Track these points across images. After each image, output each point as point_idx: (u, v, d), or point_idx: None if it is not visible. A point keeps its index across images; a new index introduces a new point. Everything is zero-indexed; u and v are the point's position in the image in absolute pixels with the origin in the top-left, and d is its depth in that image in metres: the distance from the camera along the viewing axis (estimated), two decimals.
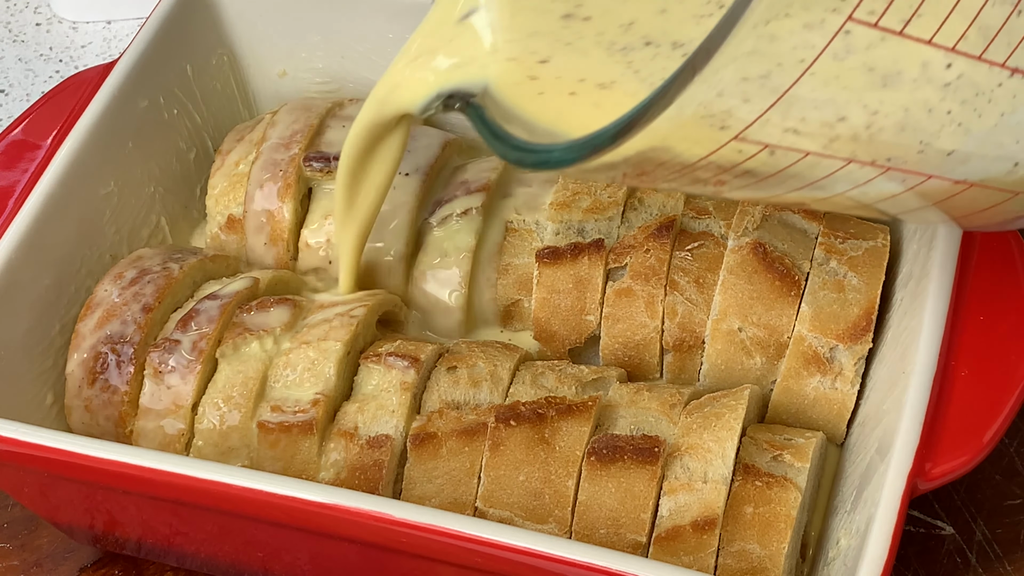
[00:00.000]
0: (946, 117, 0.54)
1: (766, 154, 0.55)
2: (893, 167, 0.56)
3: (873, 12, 0.51)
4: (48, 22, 1.18)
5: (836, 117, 0.53)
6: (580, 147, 0.56)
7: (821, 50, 0.51)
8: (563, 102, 0.65)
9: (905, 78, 0.53)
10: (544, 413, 0.76)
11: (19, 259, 0.82)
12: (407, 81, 0.69)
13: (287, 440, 0.78)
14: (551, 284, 0.85)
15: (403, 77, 0.70)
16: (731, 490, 0.74)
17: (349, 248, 0.77)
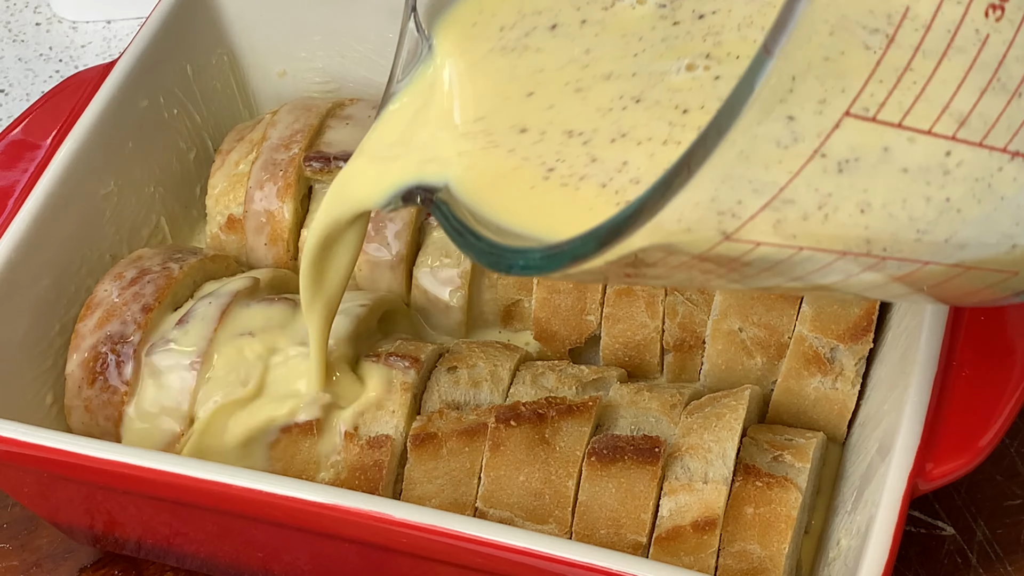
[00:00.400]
0: (944, 204, 0.53)
1: (758, 251, 0.52)
2: (889, 256, 0.54)
3: (868, 108, 0.49)
4: (48, 22, 1.18)
5: (830, 211, 0.52)
6: (561, 255, 0.53)
7: (815, 150, 0.49)
8: (529, 199, 0.62)
9: (904, 168, 0.51)
10: (544, 413, 0.76)
11: (19, 259, 0.81)
12: (365, 179, 0.68)
13: (287, 440, 0.78)
14: (551, 284, 0.85)
15: (361, 175, 0.68)
16: (732, 490, 0.74)
17: (317, 335, 0.76)
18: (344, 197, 0.69)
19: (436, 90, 0.67)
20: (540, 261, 0.55)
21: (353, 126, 0.92)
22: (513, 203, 0.62)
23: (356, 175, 0.68)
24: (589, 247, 0.52)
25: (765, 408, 0.83)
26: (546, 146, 0.62)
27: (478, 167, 0.63)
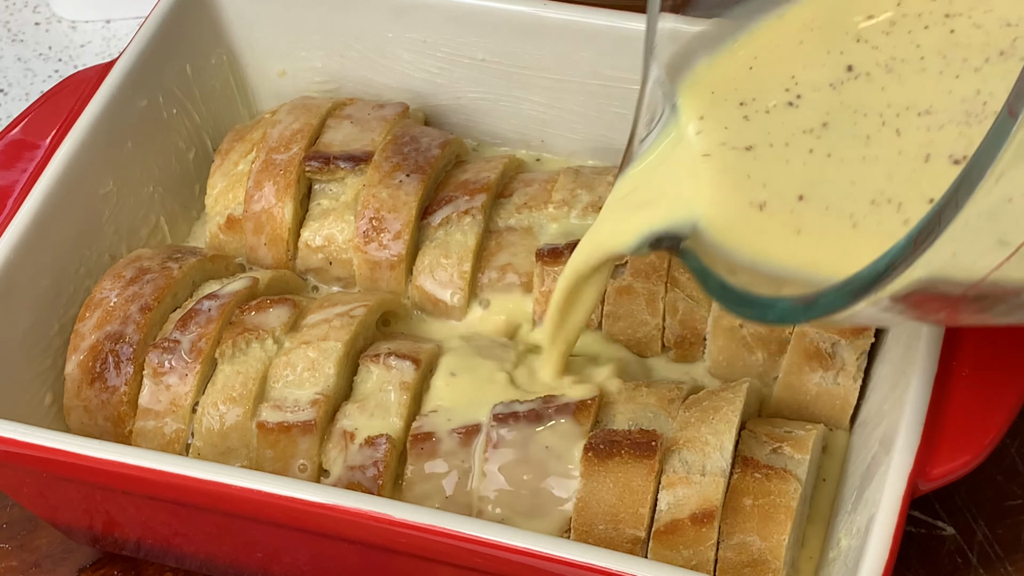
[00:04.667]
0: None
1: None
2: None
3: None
4: (47, 21, 1.18)
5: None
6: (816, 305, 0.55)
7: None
8: (790, 242, 0.64)
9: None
10: (543, 412, 0.76)
11: (19, 259, 0.81)
12: (616, 228, 0.73)
13: (287, 440, 0.78)
14: (552, 283, 0.85)
15: (611, 224, 0.73)
16: (730, 483, 0.74)
17: (553, 364, 0.81)
18: (597, 243, 0.74)
19: (682, 147, 0.70)
20: (794, 311, 0.57)
21: (353, 126, 0.92)
22: (764, 246, 0.64)
23: (607, 223, 0.73)
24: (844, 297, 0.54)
25: (766, 405, 0.83)
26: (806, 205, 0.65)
27: (727, 214, 0.67)
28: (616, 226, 0.72)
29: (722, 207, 0.67)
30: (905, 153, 0.64)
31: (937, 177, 0.62)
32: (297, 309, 0.83)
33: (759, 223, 0.66)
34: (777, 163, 0.68)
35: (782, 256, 0.64)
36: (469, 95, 0.96)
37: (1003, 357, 0.73)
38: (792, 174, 0.67)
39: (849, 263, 0.55)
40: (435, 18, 0.93)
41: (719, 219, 0.67)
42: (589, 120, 0.94)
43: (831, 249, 0.63)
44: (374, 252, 0.88)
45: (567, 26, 0.91)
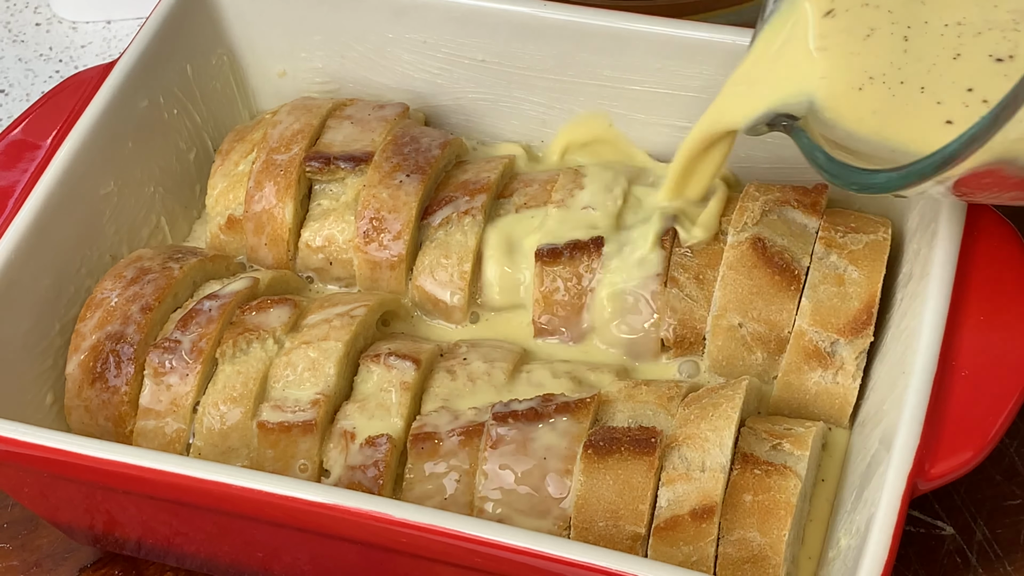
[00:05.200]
0: None
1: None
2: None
3: None
4: (48, 22, 1.18)
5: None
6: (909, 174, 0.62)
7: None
8: (899, 117, 0.70)
9: None
10: (542, 411, 0.76)
11: (19, 259, 0.81)
12: (736, 103, 0.76)
13: (287, 440, 0.78)
14: (551, 283, 0.85)
15: (732, 98, 0.76)
16: (730, 479, 0.74)
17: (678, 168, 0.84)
18: (717, 117, 0.77)
19: (800, 21, 0.74)
20: (890, 181, 0.64)
21: (353, 126, 0.92)
22: (876, 121, 0.70)
23: (728, 98, 0.77)
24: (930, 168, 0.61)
25: (765, 404, 0.83)
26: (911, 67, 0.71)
27: (841, 91, 0.71)
28: (736, 100, 0.76)
29: (835, 88, 0.71)
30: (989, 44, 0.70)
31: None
32: (297, 309, 0.83)
33: (868, 103, 0.70)
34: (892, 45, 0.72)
35: (888, 134, 0.69)
36: (469, 95, 0.96)
37: (1003, 357, 0.73)
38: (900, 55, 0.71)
39: (934, 140, 0.62)
40: (435, 19, 0.93)
41: (832, 99, 0.71)
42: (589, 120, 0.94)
43: (923, 128, 0.68)
44: (374, 252, 0.88)
45: (567, 26, 0.91)
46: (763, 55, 0.76)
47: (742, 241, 0.83)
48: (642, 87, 0.91)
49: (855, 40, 0.72)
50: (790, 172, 0.91)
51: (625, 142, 0.92)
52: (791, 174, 0.91)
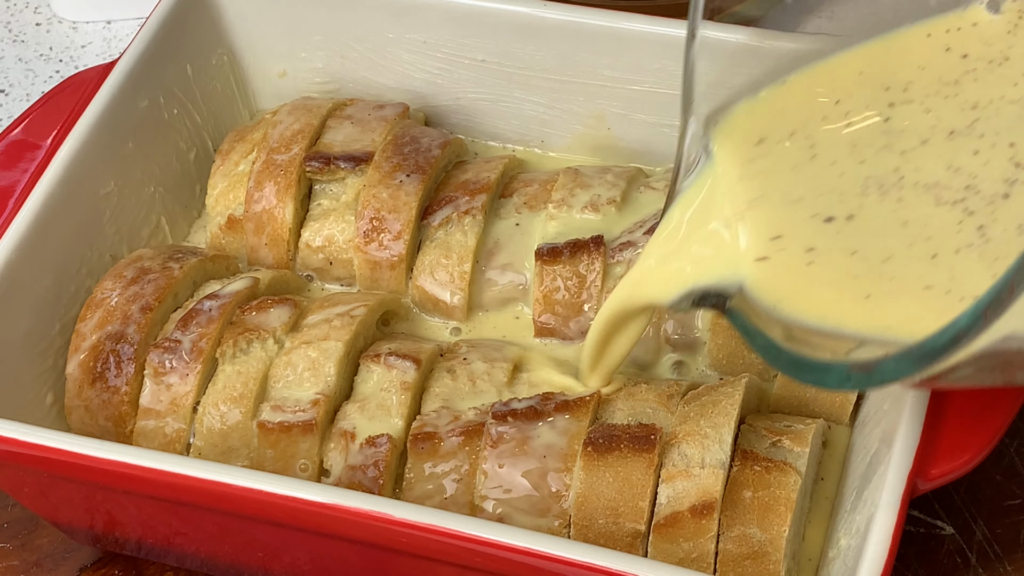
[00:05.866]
0: None
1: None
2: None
3: None
4: (48, 22, 1.18)
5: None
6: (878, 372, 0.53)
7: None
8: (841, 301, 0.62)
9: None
10: (542, 409, 0.76)
11: (19, 259, 0.81)
12: (656, 279, 0.70)
13: (287, 440, 0.78)
14: (551, 283, 0.85)
15: (652, 274, 0.71)
16: (730, 475, 0.74)
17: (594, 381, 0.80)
18: (635, 293, 0.72)
19: (719, 197, 0.68)
20: (853, 378, 0.55)
21: (353, 126, 0.92)
22: (816, 306, 0.62)
23: (648, 273, 0.71)
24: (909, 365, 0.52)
25: (766, 401, 0.83)
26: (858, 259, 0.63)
27: (775, 273, 0.64)
28: (657, 276, 0.70)
29: (769, 268, 0.65)
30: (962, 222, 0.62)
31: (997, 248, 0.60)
32: (298, 309, 0.83)
33: (809, 283, 0.63)
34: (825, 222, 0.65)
35: (834, 316, 0.62)
36: (469, 95, 0.96)
37: None
38: (841, 233, 0.64)
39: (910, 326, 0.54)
40: (435, 19, 0.93)
41: (766, 279, 0.65)
42: (589, 120, 0.94)
43: (887, 310, 0.61)
44: (374, 252, 0.88)
45: (567, 26, 0.91)
46: (682, 229, 0.69)
47: None
48: (642, 87, 0.91)
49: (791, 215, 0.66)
50: None
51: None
52: None
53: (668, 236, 0.71)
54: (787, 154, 0.68)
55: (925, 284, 0.60)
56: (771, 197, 0.67)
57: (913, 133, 0.67)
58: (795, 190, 0.66)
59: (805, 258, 0.64)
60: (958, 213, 0.62)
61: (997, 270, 0.58)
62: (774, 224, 0.66)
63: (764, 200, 0.67)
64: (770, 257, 0.65)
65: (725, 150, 0.70)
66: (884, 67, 0.69)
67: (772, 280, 0.65)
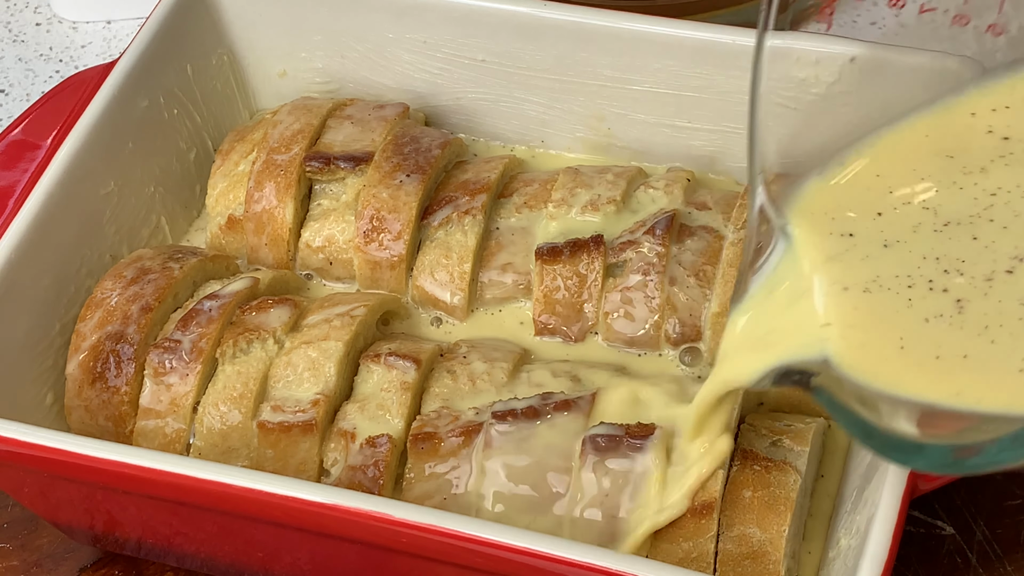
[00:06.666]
0: None
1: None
2: None
3: None
4: (48, 22, 1.18)
5: None
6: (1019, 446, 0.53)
7: None
8: (941, 378, 0.61)
9: None
10: (541, 409, 0.76)
11: (19, 259, 0.81)
12: (739, 363, 0.70)
13: (287, 440, 0.78)
14: (551, 282, 0.85)
15: (735, 360, 0.70)
16: (730, 475, 0.74)
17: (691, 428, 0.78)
18: (723, 381, 0.71)
19: (802, 279, 0.67)
20: (950, 462, 0.55)
21: (353, 126, 0.92)
22: (907, 382, 0.61)
23: (730, 361, 0.71)
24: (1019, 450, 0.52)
25: (766, 400, 0.83)
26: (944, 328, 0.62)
27: (860, 347, 0.63)
28: (740, 363, 0.70)
29: (857, 346, 0.64)
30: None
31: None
32: (298, 309, 0.83)
33: (900, 361, 0.63)
34: (912, 303, 0.65)
35: (930, 392, 0.61)
36: (469, 95, 0.96)
37: None
38: (930, 314, 0.64)
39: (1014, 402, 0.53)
40: (435, 19, 0.93)
41: (853, 357, 0.64)
42: (589, 120, 0.94)
43: (989, 385, 0.59)
44: (374, 252, 0.88)
45: (567, 26, 0.91)
46: (764, 311, 0.69)
47: (742, 238, 0.83)
48: (642, 87, 0.91)
49: (875, 296, 0.65)
50: None
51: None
52: None
53: (753, 320, 0.70)
54: (873, 236, 0.67)
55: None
56: (858, 278, 0.66)
57: (1004, 206, 0.66)
58: (886, 269, 0.66)
59: (897, 341, 0.64)
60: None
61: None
62: (863, 304, 0.65)
63: (850, 281, 0.67)
64: (862, 337, 0.64)
65: (804, 231, 0.69)
66: (947, 133, 0.69)
67: (863, 358, 0.64)
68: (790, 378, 0.66)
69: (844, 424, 0.64)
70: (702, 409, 0.74)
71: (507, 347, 0.84)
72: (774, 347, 0.67)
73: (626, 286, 0.84)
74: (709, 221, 0.86)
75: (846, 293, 0.66)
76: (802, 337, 0.66)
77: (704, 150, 0.93)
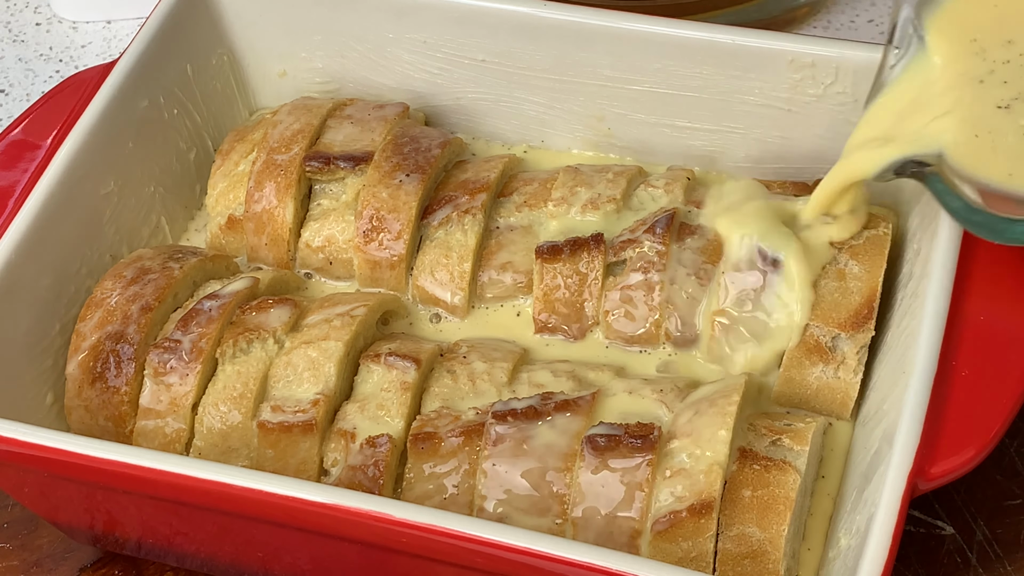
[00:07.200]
0: None
1: None
2: None
3: None
4: (48, 22, 1.18)
5: None
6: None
7: None
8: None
9: None
10: (542, 409, 0.76)
11: (20, 259, 0.82)
12: (864, 155, 0.77)
13: (287, 440, 0.78)
14: (551, 280, 0.85)
15: (860, 150, 0.77)
16: (730, 475, 0.74)
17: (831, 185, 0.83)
18: (847, 170, 0.79)
19: (930, 80, 0.75)
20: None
21: (353, 126, 0.92)
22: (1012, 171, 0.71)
23: (857, 152, 0.78)
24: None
25: (767, 398, 0.83)
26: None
27: (970, 138, 0.72)
28: (865, 154, 0.76)
29: (969, 141, 0.72)
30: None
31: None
32: (298, 309, 0.83)
33: (1004, 153, 0.71)
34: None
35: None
36: (469, 95, 0.96)
37: (1003, 357, 0.73)
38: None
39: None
40: (435, 19, 0.93)
41: (965, 150, 0.72)
42: (589, 120, 0.94)
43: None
44: (374, 252, 0.88)
45: (567, 26, 0.91)
46: (893, 106, 0.77)
47: None
48: (642, 87, 0.91)
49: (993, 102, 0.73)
50: (791, 172, 0.91)
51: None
52: (792, 174, 0.91)
53: (881, 114, 0.77)
54: (1005, 52, 0.75)
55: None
56: (989, 82, 0.74)
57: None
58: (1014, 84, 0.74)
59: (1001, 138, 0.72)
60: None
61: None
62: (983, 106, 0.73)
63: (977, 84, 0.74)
64: (979, 134, 0.72)
65: (940, 39, 0.76)
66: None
67: (968, 151, 0.72)
68: (906, 170, 0.75)
69: (949, 208, 0.72)
70: (826, 195, 0.80)
71: (507, 347, 0.84)
72: (898, 141, 0.75)
73: (626, 284, 0.84)
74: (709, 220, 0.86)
75: (971, 92, 0.74)
76: (923, 132, 0.74)
77: (704, 150, 0.93)
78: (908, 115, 0.76)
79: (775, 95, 0.89)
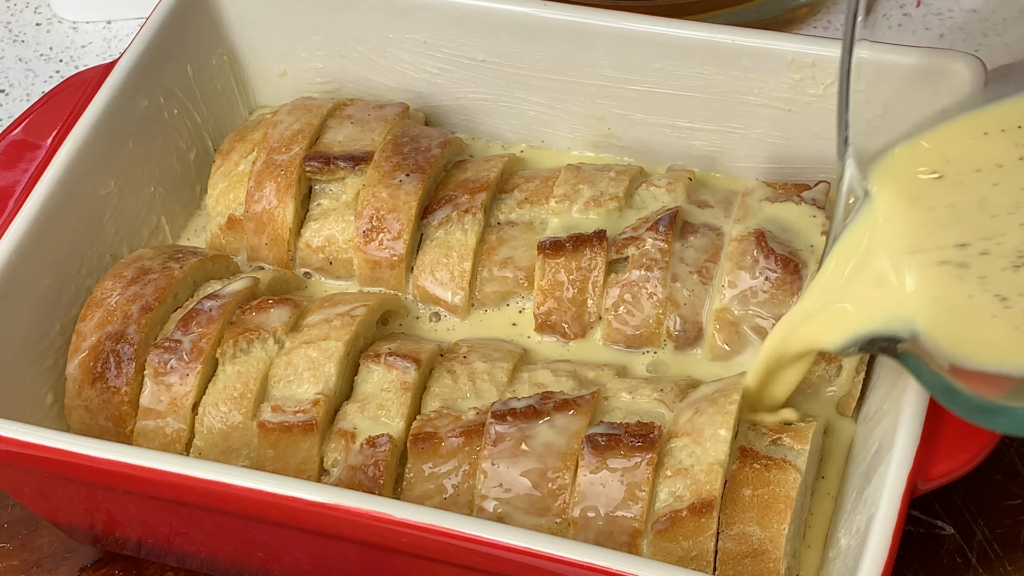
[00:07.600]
0: None
1: None
2: None
3: None
4: (48, 22, 1.18)
5: None
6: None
7: None
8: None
9: None
10: (541, 409, 0.76)
11: (20, 259, 0.82)
12: (819, 323, 0.71)
13: (287, 440, 0.78)
14: (553, 276, 0.85)
15: (815, 318, 0.71)
16: (730, 474, 0.74)
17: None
18: (798, 336, 0.72)
19: (883, 239, 0.68)
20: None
21: (353, 126, 0.92)
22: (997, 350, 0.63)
23: (810, 317, 0.71)
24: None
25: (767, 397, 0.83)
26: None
27: (947, 314, 0.64)
28: (825, 323, 0.70)
29: (945, 315, 0.65)
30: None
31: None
32: (298, 309, 0.83)
33: (990, 329, 0.64)
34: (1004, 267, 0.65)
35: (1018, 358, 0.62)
36: (469, 95, 0.96)
37: None
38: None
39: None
40: (435, 19, 0.93)
41: (941, 326, 0.65)
42: (589, 120, 0.94)
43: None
44: (374, 252, 0.88)
45: (567, 26, 0.91)
46: (846, 271, 0.70)
47: (744, 234, 0.83)
48: (642, 87, 0.91)
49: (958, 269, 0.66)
50: (791, 173, 0.91)
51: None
52: (792, 174, 0.91)
53: (831, 278, 0.70)
54: (956, 196, 0.68)
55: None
56: (943, 241, 0.67)
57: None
58: (969, 233, 0.67)
59: (992, 306, 0.64)
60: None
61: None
62: (948, 270, 0.66)
63: (932, 245, 0.67)
64: (949, 302, 0.65)
65: (886, 192, 0.70)
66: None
67: (952, 325, 0.65)
68: (875, 346, 0.67)
69: (929, 387, 0.65)
70: (770, 361, 0.74)
71: (507, 347, 0.84)
72: (855, 312, 0.68)
73: (628, 281, 0.84)
74: (711, 219, 0.86)
75: (926, 253, 0.66)
76: (883, 303, 0.67)
77: (704, 150, 0.93)
78: (865, 282, 0.69)
79: (775, 95, 0.89)
